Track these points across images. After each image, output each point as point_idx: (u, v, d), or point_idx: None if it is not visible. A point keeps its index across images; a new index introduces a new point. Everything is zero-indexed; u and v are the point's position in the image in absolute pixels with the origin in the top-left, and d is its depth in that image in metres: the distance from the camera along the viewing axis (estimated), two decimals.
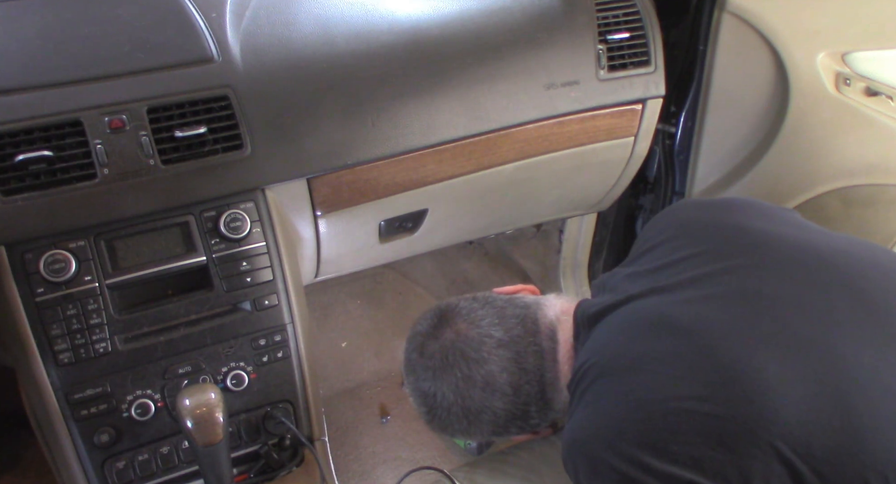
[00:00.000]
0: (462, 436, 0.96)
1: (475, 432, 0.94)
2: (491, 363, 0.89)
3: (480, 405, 0.90)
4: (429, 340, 0.94)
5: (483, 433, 0.94)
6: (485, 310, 0.94)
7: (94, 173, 0.95)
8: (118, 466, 1.00)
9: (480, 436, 0.96)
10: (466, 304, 0.95)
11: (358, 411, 1.75)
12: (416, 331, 0.97)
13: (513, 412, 0.91)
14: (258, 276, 1.06)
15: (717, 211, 0.92)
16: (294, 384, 1.11)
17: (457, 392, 0.90)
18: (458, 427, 0.93)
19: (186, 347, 1.03)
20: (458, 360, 0.90)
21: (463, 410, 0.91)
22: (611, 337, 0.83)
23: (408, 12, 1.15)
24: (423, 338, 0.95)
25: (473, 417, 0.91)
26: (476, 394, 0.90)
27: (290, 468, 1.09)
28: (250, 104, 1.02)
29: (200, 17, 1.05)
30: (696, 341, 0.74)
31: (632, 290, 0.85)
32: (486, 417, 0.91)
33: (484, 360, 0.89)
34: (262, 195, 1.06)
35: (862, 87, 1.26)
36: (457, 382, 0.90)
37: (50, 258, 0.95)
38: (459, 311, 0.94)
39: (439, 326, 0.94)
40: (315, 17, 1.10)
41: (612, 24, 1.27)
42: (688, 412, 0.70)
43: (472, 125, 1.18)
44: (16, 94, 0.93)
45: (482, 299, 0.96)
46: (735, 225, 0.87)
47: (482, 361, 0.89)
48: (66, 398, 0.97)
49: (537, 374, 0.90)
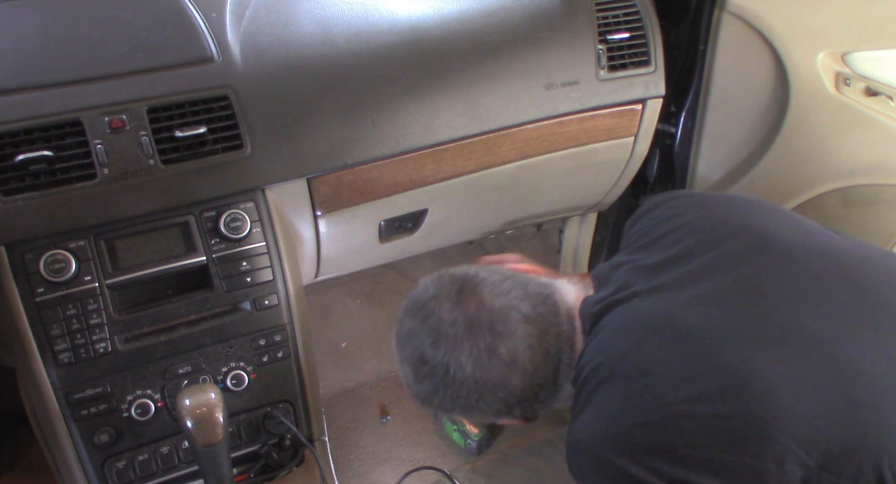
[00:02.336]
0: (461, 412, 0.90)
1: (479, 410, 0.88)
2: (517, 338, 0.84)
3: (498, 381, 0.84)
4: (448, 306, 0.86)
5: (485, 412, 0.89)
6: (509, 282, 0.88)
7: (94, 173, 0.95)
8: (118, 466, 1.01)
9: (480, 415, 0.90)
10: (486, 274, 0.89)
11: (358, 411, 1.75)
12: (430, 295, 0.88)
13: (525, 393, 0.86)
14: (258, 276, 1.06)
15: (719, 206, 0.92)
16: (294, 384, 1.11)
17: (477, 364, 0.83)
18: (463, 403, 0.86)
19: (186, 347, 1.03)
20: (483, 330, 0.83)
21: (477, 385, 0.84)
22: (617, 337, 0.81)
23: (408, 12, 1.15)
24: (439, 303, 0.87)
25: (487, 392, 0.85)
26: (496, 368, 0.84)
27: (290, 468, 1.09)
28: (250, 104, 1.02)
29: (200, 17, 1.05)
30: (702, 342, 0.74)
31: (635, 286, 0.84)
32: (500, 394, 0.85)
33: (510, 333, 0.84)
34: (262, 195, 1.06)
35: (862, 87, 1.26)
36: (479, 353, 0.83)
37: (50, 258, 0.95)
38: (483, 280, 0.88)
39: (462, 292, 0.87)
40: (315, 17, 1.10)
41: (612, 24, 1.27)
42: (697, 414, 0.70)
43: (472, 125, 1.18)
44: (16, 94, 0.93)
45: (500, 272, 0.91)
46: (737, 221, 0.87)
47: (508, 335, 0.84)
48: (66, 398, 0.97)
49: (556, 357, 0.87)
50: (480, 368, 0.83)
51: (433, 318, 0.86)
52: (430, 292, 0.89)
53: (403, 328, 0.89)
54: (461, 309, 0.85)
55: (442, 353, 0.84)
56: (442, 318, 0.85)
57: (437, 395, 0.87)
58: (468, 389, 0.84)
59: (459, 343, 0.84)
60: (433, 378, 0.86)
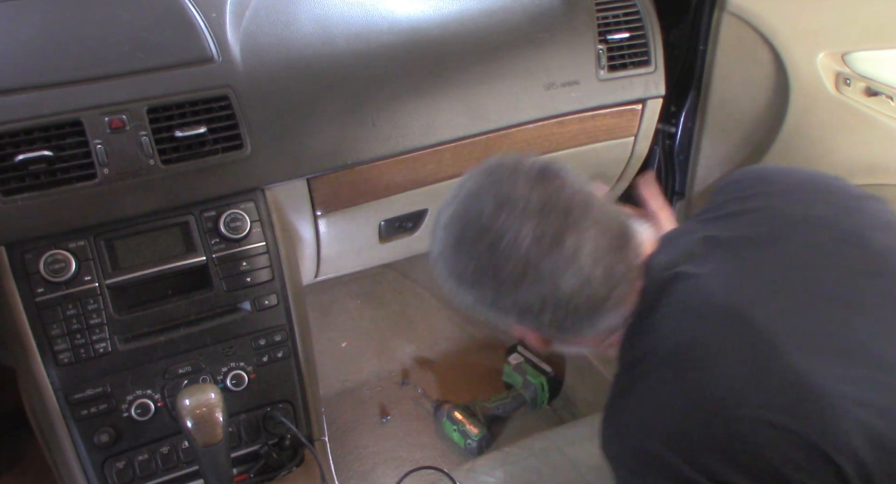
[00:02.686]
0: (487, 295, 0.78)
1: (508, 298, 0.76)
2: (587, 237, 0.74)
3: (548, 272, 0.74)
4: (525, 178, 0.76)
5: (511, 307, 0.77)
6: (590, 190, 0.79)
7: (94, 173, 0.95)
8: (118, 466, 1.01)
9: (503, 308, 0.78)
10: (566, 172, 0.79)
11: (358, 411, 1.75)
12: (509, 164, 0.78)
13: (566, 301, 0.75)
14: (258, 276, 1.06)
15: (816, 191, 0.84)
16: (294, 384, 1.11)
17: (536, 244, 0.73)
18: (495, 284, 0.76)
19: (186, 347, 1.03)
20: (556, 214, 0.74)
21: (525, 267, 0.74)
22: (680, 322, 0.74)
23: (408, 12, 1.15)
24: (516, 174, 0.77)
25: (530, 280, 0.74)
26: (554, 257, 0.73)
27: (290, 468, 1.09)
28: (250, 104, 1.02)
29: (200, 17, 1.05)
30: (773, 345, 0.70)
31: (707, 262, 0.77)
32: (542, 288, 0.74)
33: (582, 229, 0.74)
34: (262, 195, 1.06)
35: (862, 87, 1.26)
36: (543, 234, 0.73)
37: (50, 258, 0.95)
38: (566, 172, 0.78)
39: (544, 171, 0.77)
40: (315, 17, 1.10)
41: (612, 24, 1.27)
42: (762, 423, 0.66)
43: (472, 125, 1.18)
44: (16, 94, 0.93)
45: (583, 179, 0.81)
46: (830, 216, 0.80)
47: (580, 230, 0.74)
48: (66, 398, 0.97)
49: (610, 283, 0.76)
50: (538, 250, 0.73)
51: (506, 184, 0.76)
52: (508, 161, 0.79)
53: (465, 187, 0.79)
54: (540, 185, 0.75)
55: (502, 220, 0.74)
56: (515, 187, 0.75)
57: (474, 266, 0.76)
58: (513, 267, 0.74)
59: (526, 217, 0.74)
60: (479, 244, 0.75)
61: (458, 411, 1.66)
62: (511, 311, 0.78)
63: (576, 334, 0.81)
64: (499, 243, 0.74)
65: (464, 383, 1.82)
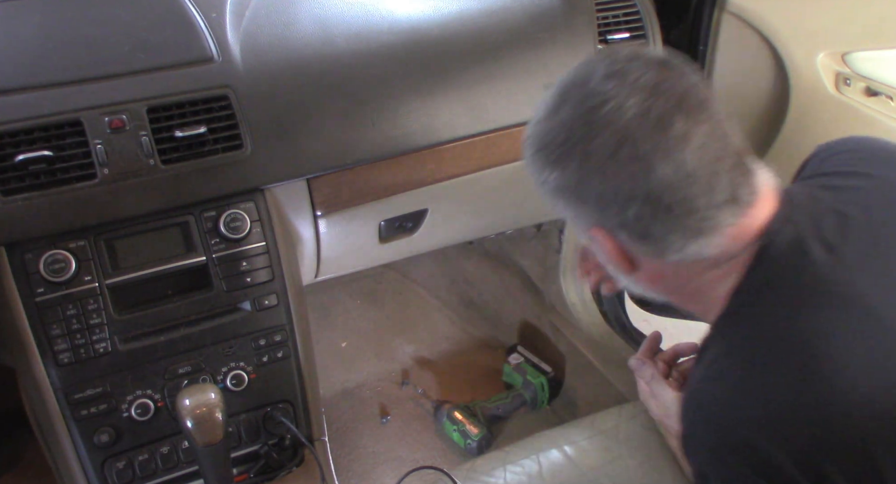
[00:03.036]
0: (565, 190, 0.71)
1: (596, 181, 0.69)
2: (699, 131, 0.67)
3: (647, 152, 0.66)
4: (643, 62, 0.70)
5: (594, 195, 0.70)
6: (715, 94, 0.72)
7: (94, 173, 0.95)
8: (118, 466, 1.01)
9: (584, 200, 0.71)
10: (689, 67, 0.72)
11: (358, 411, 1.75)
12: (631, 49, 0.73)
13: (655, 194, 0.67)
14: (258, 276, 1.06)
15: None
16: (294, 384, 1.11)
17: (640, 117, 0.66)
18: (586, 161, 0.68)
19: (186, 347, 1.03)
20: (669, 96, 0.67)
21: (623, 140, 0.66)
22: (794, 300, 0.69)
23: (408, 12, 1.15)
24: (636, 57, 0.71)
25: (624, 158, 0.66)
26: (656, 138, 0.66)
27: (290, 468, 1.09)
28: (250, 104, 1.02)
29: (200, 17, 1.05)
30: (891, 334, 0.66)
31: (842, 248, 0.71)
32: (636, 171, 0.66)
33: (697, 120, 0.67)
34: (262, 195, 1.06)
35: (862, 87, 1.26)
36: (650, 110, 0.66)
37: (50, 258, 0.95)
38: (689, 67, 0.71)
39: (666, 61, 0.71)
40: (315, 17, 1.10)
41: (612, 24, 1.27)
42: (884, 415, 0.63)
43: (472, 125, 1.18)
44: (16, 94, 0.93)
45: None
46: None
47: (693, 119, 0.67)
48: (66, 398, 0.97)
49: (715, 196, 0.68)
50: (640, 125, 0.66)
51: (620, 61, 0.70)
52: (628, 48, 0.74)
53: (578, 63, 0.74)
54: (658, 68, 0.69)
55: (609, 87, 0.68)
56: (631, 63, 0.69)
57: (567, 133, 0.70)
58: (608, 137, 0.67)
59: (636, 89, 0.67)
60: (578, 107, 0.69)
61: (458, 411, 1.66)
62: (594, 200, 0.70)
63: (659, 250, 0.71)
64: (599, 108, 0.67)
65: (464, 383, 1.82)
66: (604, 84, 0.68)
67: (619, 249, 0.74)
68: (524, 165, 0.78)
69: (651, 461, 1.06)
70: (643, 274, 0.77)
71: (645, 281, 0.79)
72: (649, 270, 0.76)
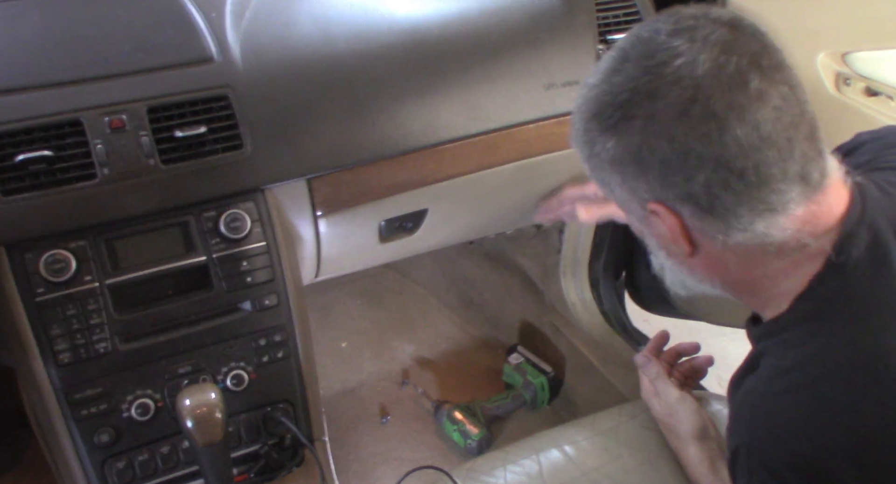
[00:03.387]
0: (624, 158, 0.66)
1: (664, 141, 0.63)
2: (776, 92, 0.62)
3: (722, 110, 0.61)
4: (713, 18, 0.65)
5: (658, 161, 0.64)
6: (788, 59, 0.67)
7: (94, 173, 0.95)
8: (118, 466, 1.01)
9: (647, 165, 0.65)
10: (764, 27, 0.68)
11: (358, 411, 1.75)
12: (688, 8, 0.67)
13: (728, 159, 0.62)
14: (258, 276, 1.06)
15: None
16: (294, 384, 1.11)
17: (716, 72, 0.61)
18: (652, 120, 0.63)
19: (186, 347, 1.03)
20: (742, 53, 0.62)
21: (695, 95, 0.61)
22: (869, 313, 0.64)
23: (408, 12, 1.15)
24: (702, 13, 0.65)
25: (696, 116, 0.61)
26: (732, 95, 0.61)
27: (290, 468, 1.09)
28: (250, 104, 1.02)
29: (200, 17, 1.05)
30: None
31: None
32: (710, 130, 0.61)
33: (774, 79, 0.63)
34: (262, 195, 1.06)
35: (862, 87, 1.26)
36: (723, 65, 0.61)
37: (50, 258, 0.95)
38: (764, 27, 0.67)
39: (736, 18, 0.66)
40: (315, 17, 1.10)
41: (612, 24, 1.27)
42: None
43: (472, 125, 1.18)
44: (16, 94, 0.93)
45: None
46: None
47: (770, 78, 0.62)
48: (66, 398, 0.97)
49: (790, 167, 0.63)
50: (715, 80, 0.61)
51: (686, 18, 0.65)
52: (694, 6, 0.67)
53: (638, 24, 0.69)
54: (727, 27, 0.64)
55: (680, 42, 0.63)
56: (699, 22, 0.64)
57: (631, 91, 0.64)
58: (679, 93, 0.61)
59: (708, 46, 0.62)
60: (645, 62, 0.63)
61: (458, 411, 1.66)
62: (657, 167, 0.64)
63: (724, 227, 0.66)
64: (668, 64, 0.62)
65: (464, 383, 1.82)
66: (671, 40, 0.63)
67: (681, 227, 0.68)
68: (571, 140, 0.72)
69: (651, 461, 1.06)
70: (701, 259, 0.71)
71: (702, 268, 0.73)
72: (708, 255, 0.70)
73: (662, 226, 0.69)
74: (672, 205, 0.67)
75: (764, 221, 0.65)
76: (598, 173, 0.71)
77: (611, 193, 0.72)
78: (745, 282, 0.72)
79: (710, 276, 0.74)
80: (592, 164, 0.71)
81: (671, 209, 0.67)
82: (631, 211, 0.73)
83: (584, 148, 0.71)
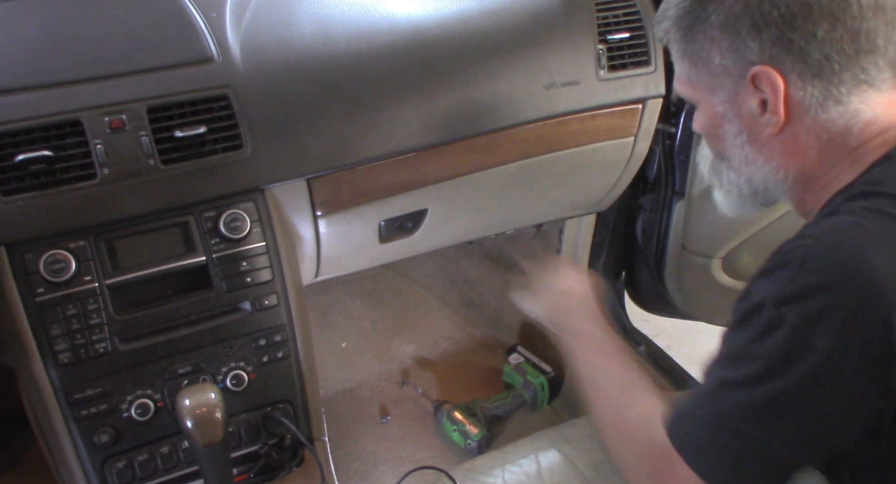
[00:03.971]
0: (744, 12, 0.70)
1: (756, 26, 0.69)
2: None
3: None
4: None
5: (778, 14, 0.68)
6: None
7: (94, 173, 0.95)
8: (118, 466, 1.01)
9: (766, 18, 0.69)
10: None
11: (358, 411, 1.75)
12: None
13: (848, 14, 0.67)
14: (258, 276, 1.06)
15: None
16: (294, 384, 1.11)
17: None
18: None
19: (186, 347, 1.03)
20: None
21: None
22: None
23: (408, 12, 1.15)
24: None
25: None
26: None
27: (290, 468, 1.09)
28: (250, 104, 1.02)
29: (200, 17, 1.05)
30: None
31: None
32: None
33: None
34: (262, 195, 1.06)
35: None
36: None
37: (50, 258, 0.95)
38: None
39: None
40: (315, 17, 1.10)
41: (612, 24, 1.27)
42: None
43: (472, 125, 1.18)
44: (16, 94, 0.93)
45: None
46: None
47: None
48: (66, 398, 0.97)
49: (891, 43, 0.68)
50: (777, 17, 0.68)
51: None
52: None
53: None
54: None
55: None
56: None
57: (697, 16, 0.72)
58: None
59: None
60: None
61: (458, 411, 1.66)
62: (778, 20, 0.68)
63: (825, 94, 0.70)
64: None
65: (464, 383, 1.82)
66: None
67: (786, 91, 0.70)
68: (664, 19, 0.76)
69: None
70: (784, 139, 0.74)
71: (781, 151, 0.75)
72: (794, 134, 0.73)
73: (753, 100, 0.72)
74: (781, 67, 0.69)
75: (860, 95, 0.69)
76: (697, 45, 0.74)
77: (702, 72, 0.75)
78: (816, 175, 0.74)
79: (786, 164, 0.76)
80: (691, 36, 0.74)
81: (779, 71, 0.70)
82: (719, 90, 0.75)
83: (684, 19, 0.74)
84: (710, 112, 0.80)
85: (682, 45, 0.77)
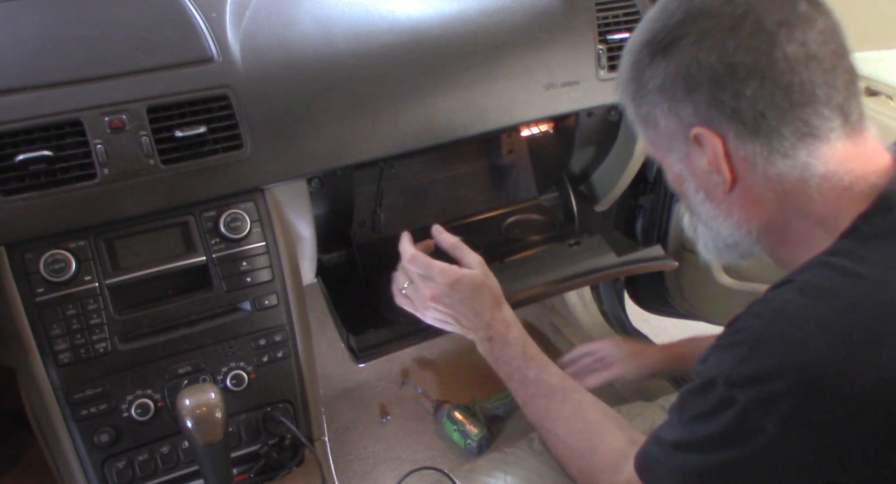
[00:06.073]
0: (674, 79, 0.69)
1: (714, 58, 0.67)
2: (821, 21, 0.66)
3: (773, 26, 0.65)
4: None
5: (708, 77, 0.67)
6: None
7: (94, 173, 0.95)
8: (118, 466, 1.01)
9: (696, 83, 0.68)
10: None
11: (358, 411, 1.75)
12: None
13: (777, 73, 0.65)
14: (258, 276, 1.06)
15: None
16: (294, 384, 1.11)
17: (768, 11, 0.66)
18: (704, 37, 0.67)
19: (186, 347, 1.03)
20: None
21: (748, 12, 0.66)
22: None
23: (408, 12, 1.15)
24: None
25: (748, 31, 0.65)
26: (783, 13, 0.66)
27: (290, 468, 1.09)
28: (250, 104, 1.02)
29: (200, 17, 1.05)
30: None
31: None
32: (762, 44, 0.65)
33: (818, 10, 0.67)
34: (262, 195, 1.06)
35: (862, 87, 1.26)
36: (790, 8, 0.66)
37: (50, 258, 0.95)
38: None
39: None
40: (315, 17, 1.10)
41: (612, 24, 1.27)
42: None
43: (472, 125, 1.18)
44: (16, 94, 0.93)
45: None
46: None
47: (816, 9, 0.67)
48: (66, 398, 0.97)
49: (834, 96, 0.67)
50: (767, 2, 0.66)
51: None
52: None
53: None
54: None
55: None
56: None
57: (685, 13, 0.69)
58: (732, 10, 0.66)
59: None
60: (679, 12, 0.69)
61: (458, 411, 1.66)
62: (707, 83, 0.67)
63: (768, 149, 0.68)
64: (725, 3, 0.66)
65: (464, 383, 1.82)
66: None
67: (724, 152, 0.69)
68: (618, 87, 0.78)
69: None
70: (739, 195, 0.72)
71: (739, 207, 0.74)
72: (748, 189, 0.71)
73: (703, 159, 0.72)
74: (717, 127, 0.69)
75: (806, 148, 0.67)
76: (644, 109, 0.74)
77: (654, 134, 0.75)
78: (781, 227, 0.73)
79: (748, 218, 0.74)
80: (638, 100, 0.75)
81: (716, 132, 0.69)
82: (673, 150, 0.75)
83: (631, 85, 0.75)
84: (671, 171, 0.80)
85: (633, 109, 0.77)
